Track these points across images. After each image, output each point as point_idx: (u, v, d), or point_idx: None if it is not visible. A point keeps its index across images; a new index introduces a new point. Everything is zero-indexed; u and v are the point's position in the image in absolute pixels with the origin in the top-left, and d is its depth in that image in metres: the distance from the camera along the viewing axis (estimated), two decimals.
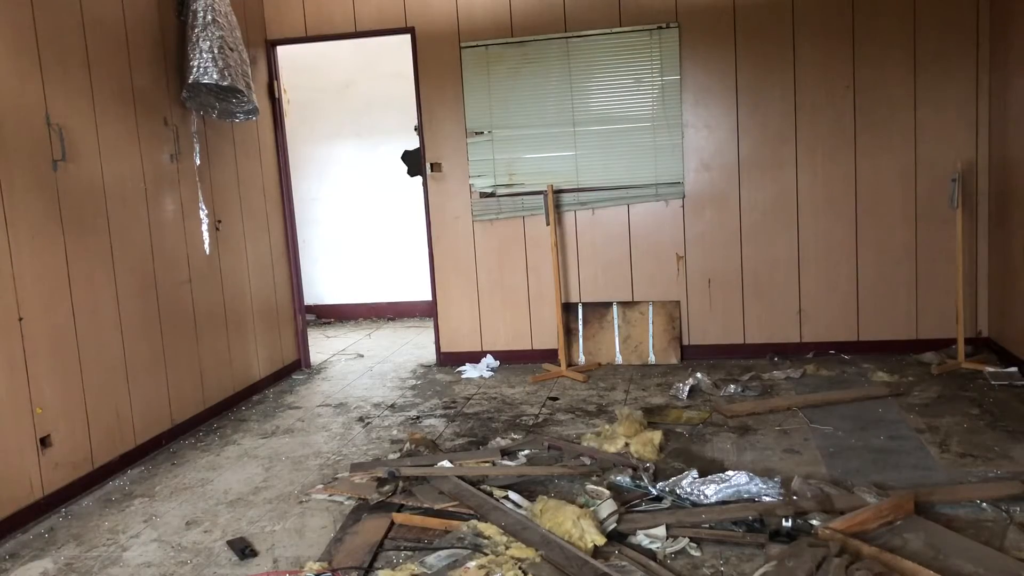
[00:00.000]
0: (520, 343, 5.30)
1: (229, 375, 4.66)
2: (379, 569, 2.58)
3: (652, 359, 5.09)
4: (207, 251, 4.47)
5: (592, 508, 2.70)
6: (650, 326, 5.10)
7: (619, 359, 5.12)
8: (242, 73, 4.38)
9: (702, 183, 4.99)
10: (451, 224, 5.27)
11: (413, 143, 6.47)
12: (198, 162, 4.42)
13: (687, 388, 4.31)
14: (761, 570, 2.38)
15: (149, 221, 4.02)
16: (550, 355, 5.20)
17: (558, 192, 5.06)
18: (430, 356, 5.59)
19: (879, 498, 2.74)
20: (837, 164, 4.86)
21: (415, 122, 5.29)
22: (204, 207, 4.45)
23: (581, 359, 5.18)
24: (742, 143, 4.93)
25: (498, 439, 3.77)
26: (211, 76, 4.17)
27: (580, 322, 5.18)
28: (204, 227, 4.45)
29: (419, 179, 5.39)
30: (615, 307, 5.13)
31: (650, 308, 5.10)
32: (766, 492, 2.84)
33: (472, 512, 2.87)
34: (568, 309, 5.18)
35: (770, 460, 3.33)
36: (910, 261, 4.86)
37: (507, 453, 3.51)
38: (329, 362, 5.72)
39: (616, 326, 5.11)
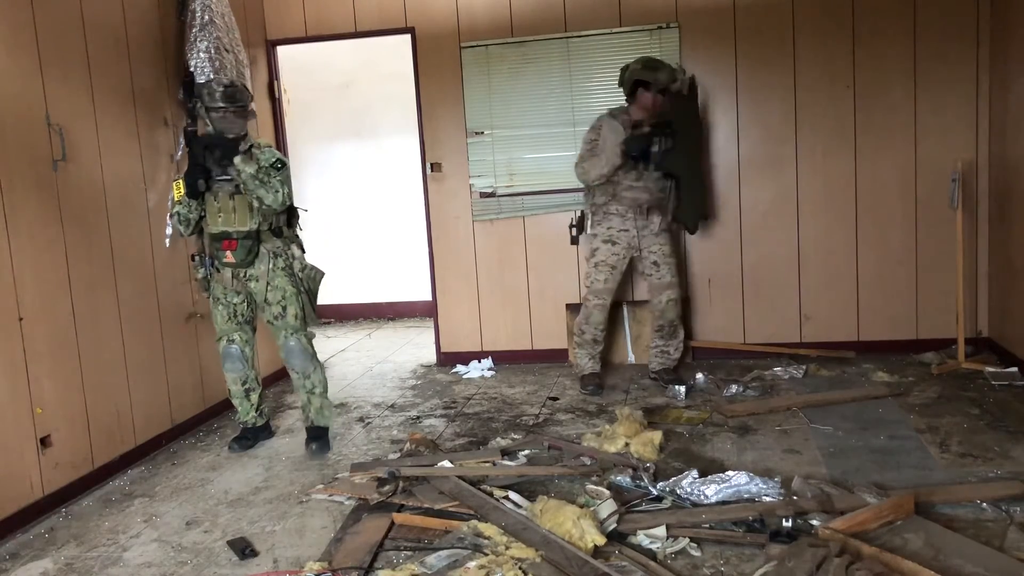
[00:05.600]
0: (520, 343, 5.29)
1: None
2: (379, 569, 2.58)
3: None
4: None
5: (592, 508, 2.70)
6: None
7: (631, 359, 5.09)
8: (238, 75, 4.40)
9: None
10: (451, 224, 5.27)
11: (412, 143, 6.25)
12: None
13: (687, 388, 4.31)
14: (761, 570, 2.38)
15: (149, 221, 4.02)
16: (551, 355, 5.20)
17: (559, 192, 5.06)
18: (430, 356, 5.59)
19: (879, 498, 2.74)
20: (837, 164, 4.85)
21: (415, 122, 5.28)
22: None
23: None
24: (742, 143, 4.92)
25: (498, 439, 3.77)
26: (207, 77, 4.17)
27: None
28: None
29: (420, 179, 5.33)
30: (624, 307, 5.08)
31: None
32: (766, 492, 2.84)
33: (472, 512, 2.87)
34: (573, 310, 5.15)
35: (770, 460, 3.34)
36: (910, 261, 4.86)
37: (507, 453, 3.51)
38: (329, 362, 5.71)
39: (627, 326, 5.08)
